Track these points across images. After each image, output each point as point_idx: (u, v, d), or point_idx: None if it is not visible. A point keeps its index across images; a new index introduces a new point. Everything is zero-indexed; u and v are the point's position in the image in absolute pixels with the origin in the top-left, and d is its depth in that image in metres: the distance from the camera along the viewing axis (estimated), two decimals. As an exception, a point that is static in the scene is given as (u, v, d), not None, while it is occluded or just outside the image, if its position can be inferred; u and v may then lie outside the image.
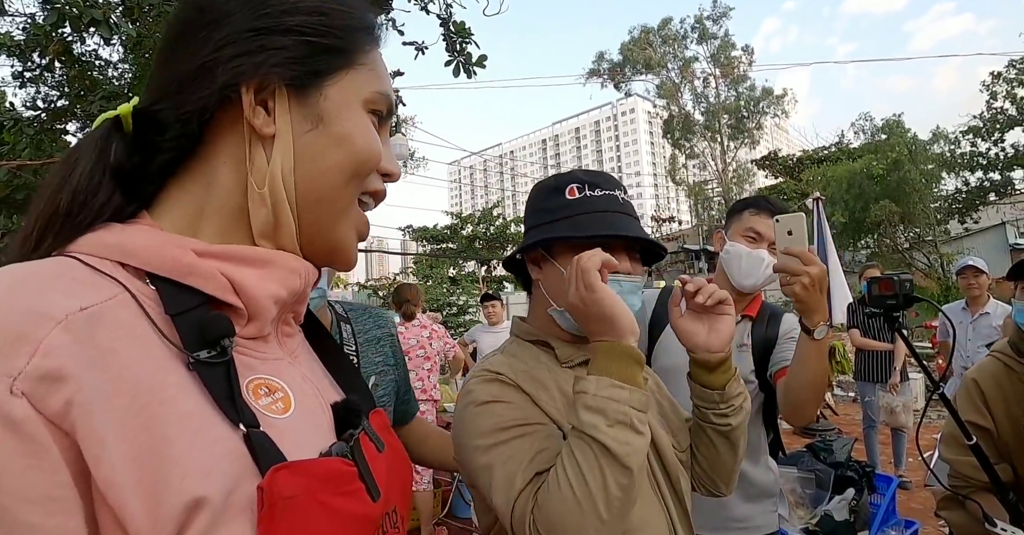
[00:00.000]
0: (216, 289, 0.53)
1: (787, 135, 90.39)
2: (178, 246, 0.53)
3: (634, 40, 28.23)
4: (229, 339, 0.51)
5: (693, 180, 28.56)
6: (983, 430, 1.70)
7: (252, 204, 0.57)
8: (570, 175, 1.15)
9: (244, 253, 0.56)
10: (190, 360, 0.49)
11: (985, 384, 1.75)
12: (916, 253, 19.30)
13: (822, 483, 2.38)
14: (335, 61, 0.59)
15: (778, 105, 27.73)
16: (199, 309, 0.51)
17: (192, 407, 0.47)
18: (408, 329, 4.75)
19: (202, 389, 0.48)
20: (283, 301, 0.59)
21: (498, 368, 1.05)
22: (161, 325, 0.49)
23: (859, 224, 19.32)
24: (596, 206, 1.09)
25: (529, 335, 1.16)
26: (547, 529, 0.85)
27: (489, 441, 0.96)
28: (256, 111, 0.56)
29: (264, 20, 0.56)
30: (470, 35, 4.68)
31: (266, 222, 0.58)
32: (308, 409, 0.58)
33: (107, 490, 0.42)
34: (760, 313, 1.87)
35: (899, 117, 21.40)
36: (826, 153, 27.46)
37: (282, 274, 0.58)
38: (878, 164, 18.07)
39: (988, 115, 21.35)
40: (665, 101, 28.07)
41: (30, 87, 7.55)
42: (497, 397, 1.00)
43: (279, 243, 0.59)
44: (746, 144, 27.60)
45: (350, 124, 0.59)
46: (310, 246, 0.61)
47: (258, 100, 0.56)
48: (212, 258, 0.54)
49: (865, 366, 5.20)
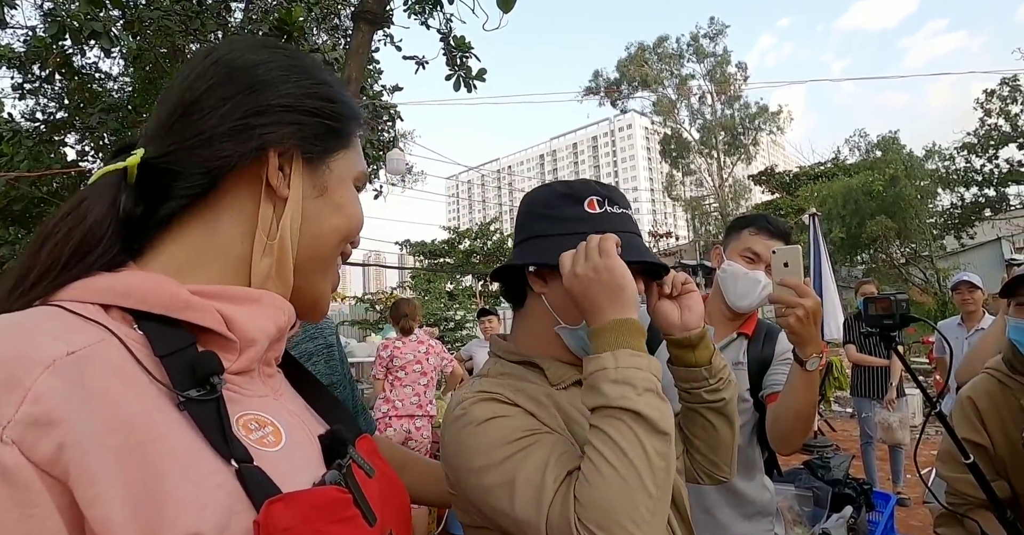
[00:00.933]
0: (212, 322, 0.55)
1: (783, 151, 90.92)
2: (174, 284, 0.55)
3: (630, 57, 28.49)
4: (218, 376, 0.53)
5: (690, 196, 28.68)
6: (979, 447, 1.70)
7: (256, 253, 0.62)
8: (586, 185, 1.07)
9: (235, 292, 0.59)
10: (180, 399, 0.50)
11: (980, 401, 1.75)
12: (912, 268, 19.35)
13: (820, 501, 2.36)
14: (338, 142, 0.68)
15: (774, 122, 27.94)
16: (188, 350, 0.53)
17: (184, 444, 0.48)
18: (405, 344, 4.74)
19: (193, 426, 0.50)
20: (271, 336, 0.61)
21: (492, 389, 0.97)
22: (149, 366, 0.50)
23: (855, 240, 19.39)
24: (617, 225, 1.04)
25: (513, 355, 1.08)
26: (598, 523, 0.77)
27: (499, 456, 0.88)
28: (278, 174, 0.62)
29: (292, 99, 0.63)
30: (470, 49, 4.72)
31: (267, 272, 0.63)
32: (298, 441, 0.60)
33: (102, 530, 0.42)
34: (756, 331, 1.87)
35: (895, 134, 21.57)
36: (822, 169, 27.62)
37: (270, 311, 0.61)
38: (875, 180, 18.18)
39: (982, 132, 21.54)
40: (662, 118, 28.27)
41: (30, 99, 7.58)
42: (498, 413, 0.93)
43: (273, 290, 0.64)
44: (742, 160, 27.75)
45: (348, 195, 0.69)
46: (297, 297, 0.67)
47: (279, 166, 0.62)
48: (207, 297, 0.57)
49: (862, 382, 5.19)
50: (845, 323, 5.45)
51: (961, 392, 1.83)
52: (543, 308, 1.05)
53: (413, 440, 4.54)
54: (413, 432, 4.53)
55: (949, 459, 1.70)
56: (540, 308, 1.06)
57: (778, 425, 1.59)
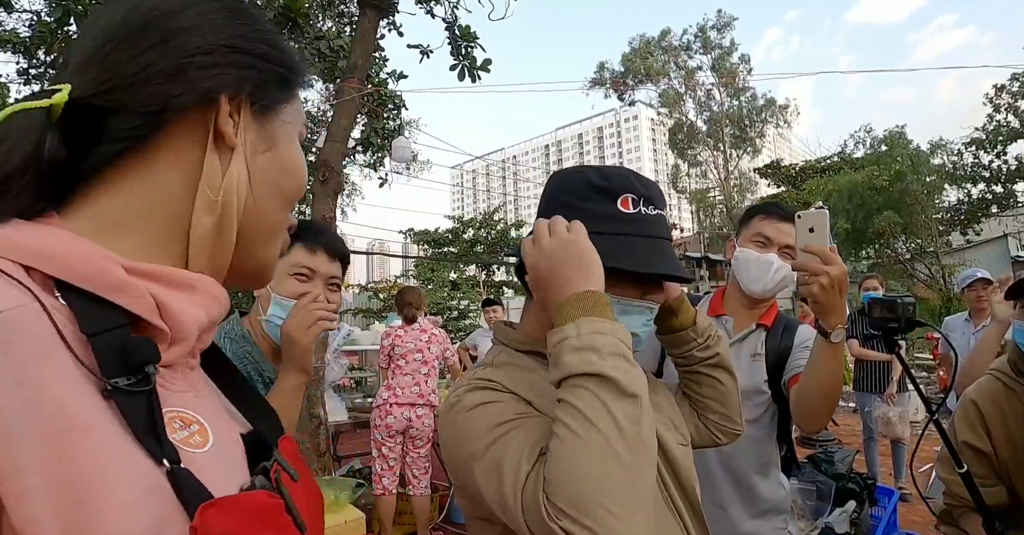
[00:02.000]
0: (144, 309, 0.49)
1: (789, 145, 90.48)
2: (106, 258, 0.48)
3: (634, 51, 28.29)
4: (153, 366, 0.47)
5: (695, 187, 28.56)
6: (981, 453, 1.68)
7: (198, 211, 0.56)
8: (624, 179, 0.99)
9: (172, 275, 0.53)
10: (107, 387, 0.44)
11: (984, 405, 1.72)
12: (918, 264, 19.27)
13: (823, 495, 2.35)
14: (288, 93, 0.63)
15: (781, 115, 27.77)
16: (119, 331, 0.47)
17: (112, 438, 0.43)
18: (407, 332, 4.73)
19: (120, 420, 0.44)
20: (203, 327, 0.56)
21: (489, 377, 0.94)
22: (74, 344, 0.44)
23: (861, 234, 19.30)
24: (651, 229, 0.98)
25: (520, 344, 1.04)
26: (568, 500, 0.70)
27: (485, 442, 0.85)
28: (228, 121, 0.56)
29: (239, 41, 0.57)
30: (475, 39, 4.68)
31: (206, 233, 0.56)
32: (223, 442, 0.55)
33: (24, 525, 0.38)
34: (775, 323, 1.84)
35: (902, 129, 21.41)
36: (828, 163, 27.47)
37: (205, 299, 0.55)
38: (880, 176, 18.07)
39: (991, 127, 21.37)
40: (668, 110, 28.12)
41: (34, 84, 7.56)
42: (488, 400, 0.90)
43: (214, 256, 0.58)
44: (748, 153, 27.60)
45: (294, 152, 0.63)
46: (239, 264, 0.61)
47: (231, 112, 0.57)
48: (140, 277, 0.50)
49: (864, 376, 5.18)
50: (849, 318, 5.43)
51: (965, 394, 1.81)
52: None
53: (414, 427, 4.54)
54: (414, 420, 4.53)
55: (947, 461, 1.69)
56: None
57: (803, 402, 1.55)
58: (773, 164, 32.61)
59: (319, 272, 1.48)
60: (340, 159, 3.45)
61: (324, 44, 8.46)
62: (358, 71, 3.61)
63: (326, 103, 9.75)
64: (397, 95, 8.79)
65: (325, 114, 10.00)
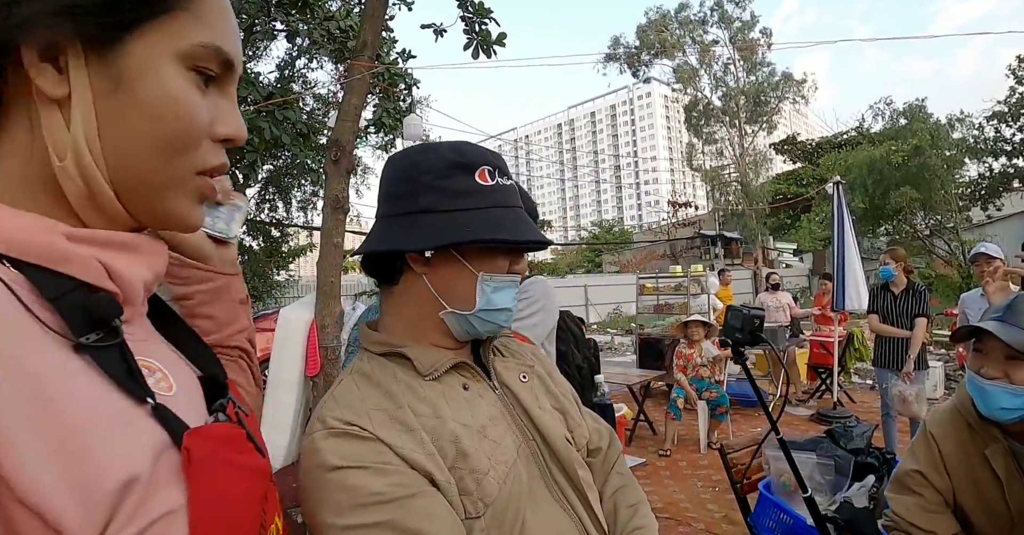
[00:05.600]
0: (92, 276, 0.49)
1: (806, 119, 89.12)
2: (48, 230, 0.48)
3: (650, 22, 27.83)
4: (118, 319, 0.49)
5: (710, 165, 28.21)
6: (935, 489, 1.61)
7: (59, 177, 0.50)
8: (476, 151, 0.94)
9: (112, 238, 0.52)
10: (80, 344, 0.46)
11: (944, 444, 1.62)
12: (937, 240, 19.03)
13: (841, 469, 2.34)
14: (142, 9, 0.49)
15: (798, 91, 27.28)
16: (77, 292, 0.48)
17: (94, 392, 0.45)
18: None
19: (99, 372, 0.47)
20: (149, 284, 0.57)
21: (347, 416, 0.83)
22: (37, 311, 0.45)
23: (879, 210, 19.07)
24: (508, 198, 0.94)
25: (380, 347, 0.95)
26: None
27: (344, 522, 0.75)
28: (42, 69, 0.47)
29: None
30: (489, 13, 4.59)
31: (80, 196, 0.51)
32: (184, 386, 0.58)
33: (29, 493, 0.38)
34: None
35: (922, 102, 20.97)
36: (846, 138, 27.03)
37: (149, 258, 0.56)
38: (899, 150, 17.77)
39: (1013, 100, 20.87)
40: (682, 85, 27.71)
41: None
42: (349, 460, 0.78)
43: (102, 214, 0.53)
44: (764, 129, 27.16)
45: (156, 87, 0.49)
46: (139, 216, 0.54)
47: (46, 57, 0.47)
48: (83, 243, 0.50)
49: (883, 352, 5.12)
50: (872, 291, 5.37)
51: (926, 422, 1.72)
52: (423, 290, 0.93)
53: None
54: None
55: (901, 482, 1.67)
56: (420, 290, 0.93)
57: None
58: (789, 139, 32.16)
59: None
60: (352, 138, 3.43)
61: (333, 25, 8.41)
62: (368, 49, 3.56)
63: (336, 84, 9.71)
64: (408, 74, 8.72)
65: (335, 95, 9.96)
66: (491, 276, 0.92)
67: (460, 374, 0.95)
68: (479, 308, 0.92)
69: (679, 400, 5.75)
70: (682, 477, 5.13)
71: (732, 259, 25.60)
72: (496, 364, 1.02)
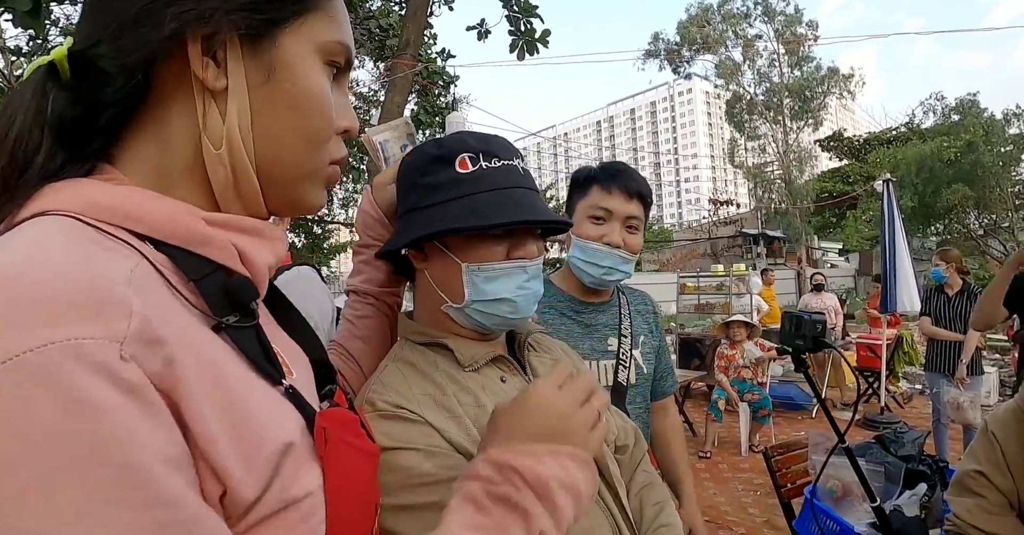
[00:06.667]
0: (228, 259, 0.52)
1: (853, 115, 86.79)
2: (189, 214, 0.50)
3: (691, 17, 27.43)
4: (255, 302, 0.52)
5: (753, 162, 27.66)
6: (997, 489, 1.54)
7: (209, 165, 0.52)
8: (459, 140, 0.92)
9: (243, 223, 0.54)
10: (222, 324, 0.49)
11: (1008, 446, 1.56)
12: (991, 240, 18.33)
13: (892, 476, 2.26)
14: (292, 6, 0.53)
15: (845, 86, 26.54)
16: (216, 274, 0.50)
17: (240, 367, 0.49)
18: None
19: (237, 351, 0.50)
20: (272, 268, 0.59)
21: (395, 399, 0.83)
22: (183, 291, 0.48)
23: (929, 209, 18.47)
24: (496, 182, 0.89)
25: (421, 336, 0.95)
26: None
27: (393, 501, 0.75)
28: (205, 63, 0.50)
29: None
30: (535, 9, 4.55)
31: (226, 184, 0.54)
32: (300, 369, 0.61)
33: (207, 444, 0.42)
34: None
35: (974, 96, 20.20)
36: (894, 134, 26.23)
37: (271, 243, 0.57)
38: (950, 147, 17.15)
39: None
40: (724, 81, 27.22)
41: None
42: (400, 442, 0.79)
43: (241, 201, 0.56)
44: (809, 125, 26.50)
45: (303, 79, 0.54)
46: (277, 206, 0.58)
47: (207, 51, 0.50)
48: (219, 227, 0.52)
49: (936, 356, 4.94)
50: (924, 294, 5.20)
51: (987, 422, 1.65)
52: (429, 286, 0.95)
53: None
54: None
55: (963, 483, 1.60)
56: (426, 286, 0.96)
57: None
58: (835, 135, 31.34)
59: (615, 213, 1.50)
60: (395, 136, 3.46)
61: (374, 23, 8.49)
62: (411, 48, 3.59)
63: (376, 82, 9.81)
64: (447, 71, 8.75)
65: (376, 93, 10.06)
66: (478, 265, 0.89)
67: (498, 367, 0.95)
68: (471, 299, 0.90)
69: (720, 401, 5.66)
70: (722, 480, 5.06)
71: (775, 258, 25.08)
72: (531, 359, 1.03)
